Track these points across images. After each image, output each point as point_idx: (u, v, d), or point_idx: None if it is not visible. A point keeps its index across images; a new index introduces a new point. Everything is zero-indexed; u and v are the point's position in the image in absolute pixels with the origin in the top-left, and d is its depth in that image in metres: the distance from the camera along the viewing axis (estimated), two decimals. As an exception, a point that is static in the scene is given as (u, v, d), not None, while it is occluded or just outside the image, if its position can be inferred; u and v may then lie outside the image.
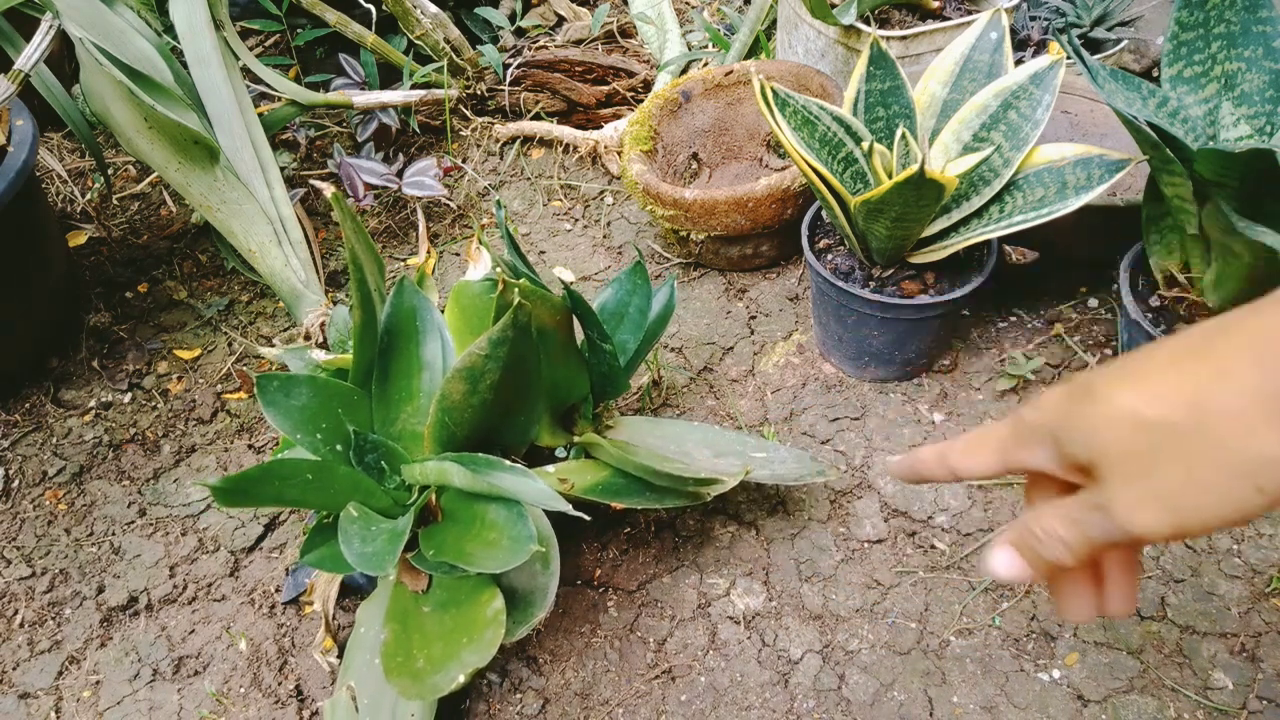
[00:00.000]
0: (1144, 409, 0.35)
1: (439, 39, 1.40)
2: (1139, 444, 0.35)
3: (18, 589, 0.94)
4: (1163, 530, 0.35)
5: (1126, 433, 0.35)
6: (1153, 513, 0.35)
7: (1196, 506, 0.34)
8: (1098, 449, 0.36)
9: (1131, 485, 0.35)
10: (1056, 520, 0.38)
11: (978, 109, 0.89)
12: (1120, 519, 0.36)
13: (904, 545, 0.89)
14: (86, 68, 1.04)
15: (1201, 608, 0.82)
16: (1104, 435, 0.36)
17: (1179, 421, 0.34)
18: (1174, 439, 0.34)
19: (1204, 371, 0.34)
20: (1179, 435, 0.34)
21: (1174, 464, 0.34)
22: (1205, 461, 0.34)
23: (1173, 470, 0.34)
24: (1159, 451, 0.35)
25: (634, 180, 1.13)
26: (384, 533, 0.69)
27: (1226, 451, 0.33)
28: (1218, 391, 0.33)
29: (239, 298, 1.24)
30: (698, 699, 0.81)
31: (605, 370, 0.84)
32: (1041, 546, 0.39)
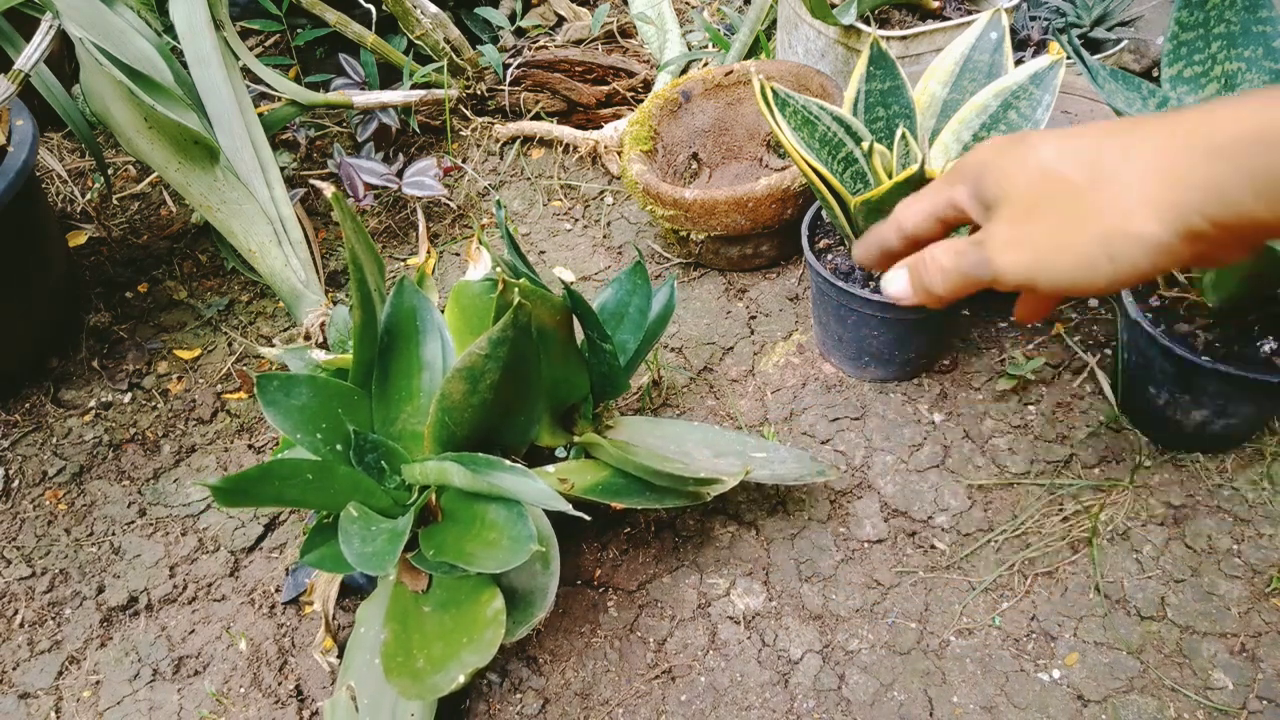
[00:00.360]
0: (1053, 161, 0.37)
1: (439, 39, 1.40)
2: (1035, 191, 0.38)
3: (18, 589, 0.94)
4: (1018, 273, 0.38)
5: (1030, 179, 0.38)
6: (1015, 254, 0.38)
7: (1054, 260, 0.37)
8: (1004, 188, 0.39)
9: (1012, 226, 0.38)
10: (944, 250, 0.41)
11: (978, 109, 0.89)
12: (989, 252, 0.39)
13: (904, 545, 0.89)
14: (86, 68, 1.04)
15: (1201, 608, 0.82)
16: (1014, 175, 0.38)
17: (1075, 180, 0.36)
18: (1064, 194, 0.36)
19: (1117, 146, 0.36)
20: (1069, 191, 0.36)
21: (1053, 215, 0.37)
22: (1078, 221, 0.36)
23: (1049, 220, 0.37)
24: (1047, 201, 0.37)
25: (634, 180, 1.13)
26: (384, 532, 0.69)
27: (1100, 218, 0.35)
28: (1117, 166, 0.35)
29: (239, 298, 1.24)
30: (698, 699, 0.81)
31: (605, 370, 0.84)
32: (925, 272, 0.42)
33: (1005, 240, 0.38)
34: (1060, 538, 0.88)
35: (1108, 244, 0.35)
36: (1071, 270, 0.36)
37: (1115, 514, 0.89)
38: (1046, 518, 0.90)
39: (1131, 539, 0.87)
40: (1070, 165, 0.37)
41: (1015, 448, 0.95)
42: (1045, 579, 0.86)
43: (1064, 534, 0.88)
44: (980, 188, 0.40)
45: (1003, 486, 0.93)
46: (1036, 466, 0.94)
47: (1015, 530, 0.89)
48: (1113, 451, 0.94)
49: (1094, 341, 1.05)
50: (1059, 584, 0.85)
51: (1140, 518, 0.89)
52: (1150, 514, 0.89)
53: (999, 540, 0.89)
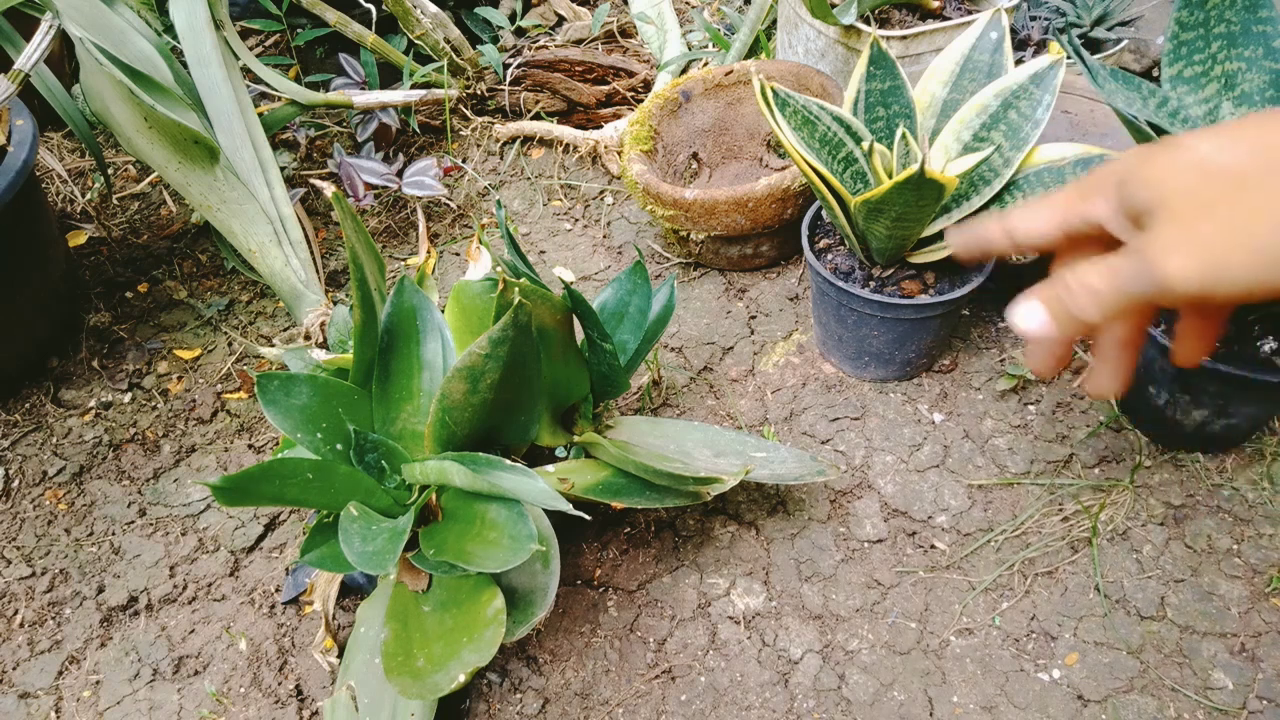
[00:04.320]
0: (1217, 154, 0.34)
1: (439, 39, 1.40)
2: (1200, 188, 0.34)
3: (18, 589, 0.94)
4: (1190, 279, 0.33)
5: (1192, 177, 0.34)
6: (1185, 258, 0.33)
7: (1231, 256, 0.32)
8: (1158, 192, 0.35)
9: (1177, 228, 0.34)
10: (1093, 270, 0.36)
11: (978, 109, 0.89)
12: (1153, 259, 0.34)
13: (904, 545, 0.89)
14: (86, 68, 1.04)
15: (1201, 608, 0.82)
16: (1169, 179, 0.34)
17: (1246, 169, 0.33)
18: (1235, 186, 0.33)
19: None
20: (1241, 182, 0.33)
21: (1225, 211, 0.33)
22: (1257, 209, 0.32)
23: (1222, 215, 0.33)
24: (1217, 196, 0.33)
25: (634, 180, 1.13)
26: (384, 532, 0.69)
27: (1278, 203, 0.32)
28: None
29: (239, 297, 1.24)
30: (698, 699, 0.81)
31: (605, 370, 0.84)
32: (1071, 298, 0.37)
33: (1171, 243, 0.34)
34: (1060, 538, 0.88)
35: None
36: (1255, 268, 0.32)
37: (1115, 514, 0.89)
38: (1046, 518, 0.90)
39: (1131, 539, 0.87)
40: (1237, 155, 0.33)
41: (1015, 448, 0.95)
42: (1045, 579, 0.86)
43: (1064, 534, 0.88)
44: (1127, 197, 0.36)
45: (1003, 486, 0.93)
46: (1036, 466, 0.94)
47: (1015, 530, 0.89)
48: (1113, 451, 0.94)
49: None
50: (1059, 584, 0.85)
51: (1140, 518, 0.89)
52: (1150, 514, 0.89)
53: (999, 540, 0.89)
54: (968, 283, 0.92)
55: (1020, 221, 0.41)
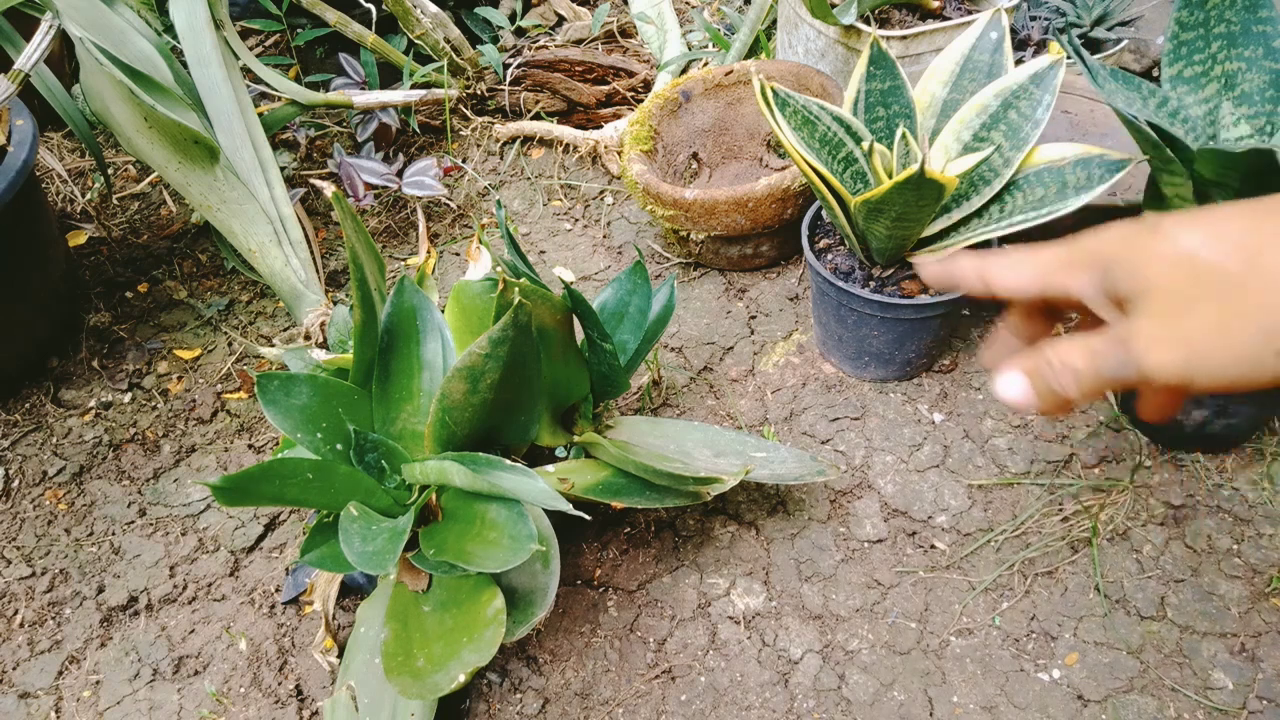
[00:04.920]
0: (1201, 249, 0.34)
1: (439, 39, 1.40)
2: (1183, 283, 0.34)
3: (18, 589, 0.94)
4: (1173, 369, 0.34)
5: (1176, 270, 0.35)
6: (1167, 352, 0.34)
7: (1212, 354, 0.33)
8: (1142, 281, 0.35)
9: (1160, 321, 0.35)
10: (1075, 350, 0.37)
11: (978, 109, 0.89)
12: (1136, 351, 0.35)
13: (904, 545, 0.89)
14: (86, 67, 1.04)
15: (1201, 608, 0.82)
16: (1153, 269, 0.35)
17: (1231, 268, 0.33)
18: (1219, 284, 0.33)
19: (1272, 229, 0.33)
20: (1225, 281, 0.33)
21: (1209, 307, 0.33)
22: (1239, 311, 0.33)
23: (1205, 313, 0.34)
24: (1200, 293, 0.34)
25: (634, 180, 1.13)
26: (384, 532, 0.69)
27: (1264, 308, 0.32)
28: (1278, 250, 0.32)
29: (239, 297, 1.24)
30: (698, 699, 0.81)
31: (605, 370, 0.84)
32: (1052, 375, 0.38)
33: (1154, 337, 0.35)
34: (1060, 538, 0.88)
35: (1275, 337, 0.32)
36: (1233, 366, 0.33)
37: (1115, 514, 0.89)
38: (1046, 518, 0.90)
39: (1131, 539, 0.87)
40: (1223, 252, 0.34)
41: (1015, 448, 0.95)
42: (1045, 579, 0.86)
43: (1064, 534, 0.88)
44: (1111, 280, 0.37)
45: (1003, 486, 0.93)
46: (1036, 466, 0.94)
47: (1015, 530, 0.89)
48: (1113, 451, 0.94)
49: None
50: (1059, 584, 0.85)
51: (1140, 518, 0.89)
52: (1150, 514, 0.89)
53: (999, 540, 0.89)
54: (968, 283, 0.92)
55: (999, 272, 0.41)
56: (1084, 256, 0.38)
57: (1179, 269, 0.35)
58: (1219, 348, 0.33)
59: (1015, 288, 0.41)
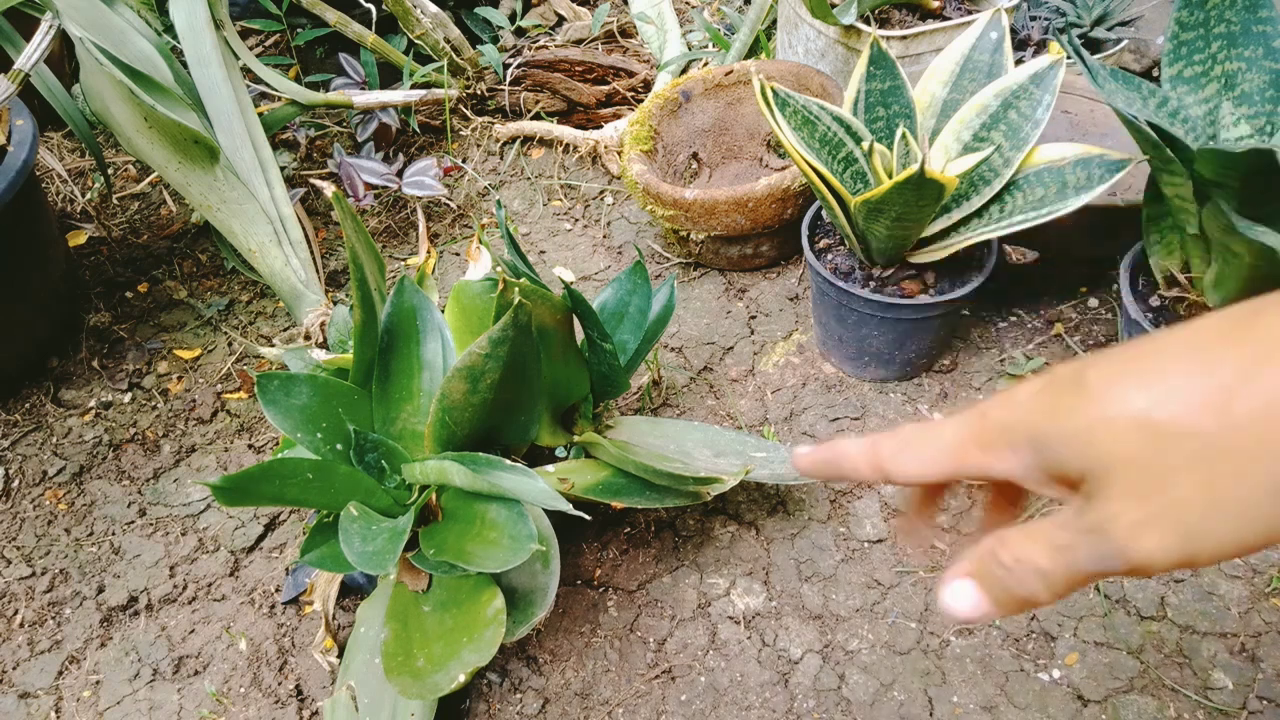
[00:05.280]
0: (1155, 410, 0.29)
1: (439, 39, 1.40)
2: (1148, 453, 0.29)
3: (18, 589, 0.94)
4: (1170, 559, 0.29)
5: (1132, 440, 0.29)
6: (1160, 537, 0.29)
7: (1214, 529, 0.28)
8: (1093, 459, 0.30)
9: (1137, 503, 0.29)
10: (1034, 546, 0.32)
11: (978, 109, 0.89)
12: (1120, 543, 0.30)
13: (904, 545, 0.89)
14: (86, 67, 1.04)
15: (1201, 608, 0.82)
16: (1103, 442, 0.30)
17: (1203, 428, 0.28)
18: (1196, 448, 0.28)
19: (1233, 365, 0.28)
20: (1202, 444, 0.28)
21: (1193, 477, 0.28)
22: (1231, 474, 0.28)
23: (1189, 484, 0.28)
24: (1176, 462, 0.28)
25: (634, 180, 1.13)
26: (384, 532, 0.69)
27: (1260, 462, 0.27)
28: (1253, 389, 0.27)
29: (239, 297, 1.24)
30: (698, 699, 0.81)
31: (605, 370, 0.84)
32: (1012, 579, 0.32)
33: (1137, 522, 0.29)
34: (1060, 537, 0.88)
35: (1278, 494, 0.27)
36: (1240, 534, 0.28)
37: (1115, 514, 0.89)
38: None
39: (1131, 539, 0.87)
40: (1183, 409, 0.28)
41: (1015, 448, 0.95)
42: (1045, 579, 0.85)
43: (1064, 534, 0.88)
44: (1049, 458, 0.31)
45: (1003, 486, 0.93)
46: (1036, 466, 0.94)
47: (1015, 530, 0.89)
48: (1113, 451, 0.94)
49: (1094, 341, 1.05)
50: (1059, 584, 0.85)
51: (1140, 518, 0.89)
52: (1150, 514, 0.89)
53: (999, 540, 0.89)
54: (968, 283, 0.92)
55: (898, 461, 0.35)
56: (1001, 433, 0.32)
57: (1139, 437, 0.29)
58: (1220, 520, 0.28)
59: (920, 475, 0.34)
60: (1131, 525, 0.29)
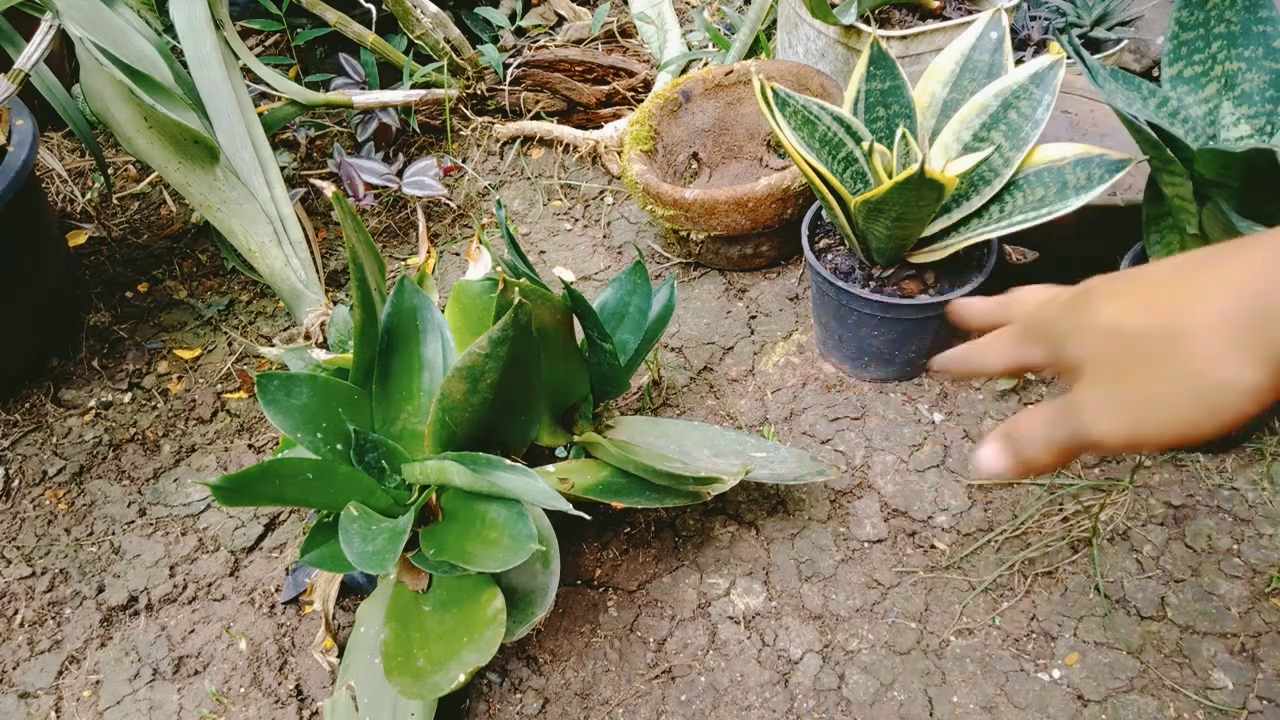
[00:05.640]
0: (1125, 320, 0.36)
1: (439, 39, 1.40)
2: (1114, 352, 0.37)
3: (18, 589, 0.94)
4: (1119, 437, 0.36)
5: (1104, 340, 0.37)
6: (1112, 419, 0.37)
7: (1152, 419, 0.35)
8: (1081, 353, 0.38)
9: (1101, 391, 0.37)
10: (1038, 419, 0.40)
11: (978, 109, 0.89)
12: (1085, 421, 0.37)
13: (904, 545, 0.89)
14: (86, 67, 1.04)
15: (1201, 608, 0.82)
16: (1086, 341, 0.38)
17: (1153, 334, 0.35)
18: (1145, 351, 0.36)
19: (1186, 292, 0.35)
20: (1150, 348, 0.35)
21: (1140, 374, 0.36)
22: (1168, 377, 0.35)
23: (1138, 381, 0.36)
24: (1129, 361, 0.36)
25: (634, 180, 1.13)
26: (384, 532, 0.69)
27: (1189, 371, 0.34)
28: (1194, 312, 0.34)
29: (239, 297, 1.24)
30: (698, 699, 0.81)
31: (605, 370, 0.84)
32: (1022, 443, 0.40)
33: (1097, 406, 0.37)
34: (1060, 538, 0.88)
35: (1204, 395, 0.34)
36: (1172, 426, 0.35)
37: (1115, 514, 0.89)
38: (1046, 518, 0.90)
39: (1131, 539, 0.87)
40: (1143, 320, 0.36)
41: (1015, 448, 0.95)
42: (1045, 579, 0.86)
43: (1064, 534, 0.88)
44: (1057, 352, 0.40)
45: (1003, 486, 0.93)
46: (1036, 466, 0.94)
47: (1015, 530, 0.89)
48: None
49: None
50: (1059, 584, 0.85)
51: (1140, 518, 0.89)
52: (1150, 514, 0.89)
53: (999, 540, 0.89)
54: (968, 283, 0.92)
55: (979, 359, 0.45)
56: (1032, 332, 0.41)
57: (1109, 339, 0.37)
58: (1155, 412, 0.35)
59: (992, 369, 0.44)
60: (1094, 408, 0.37)
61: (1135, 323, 0.36)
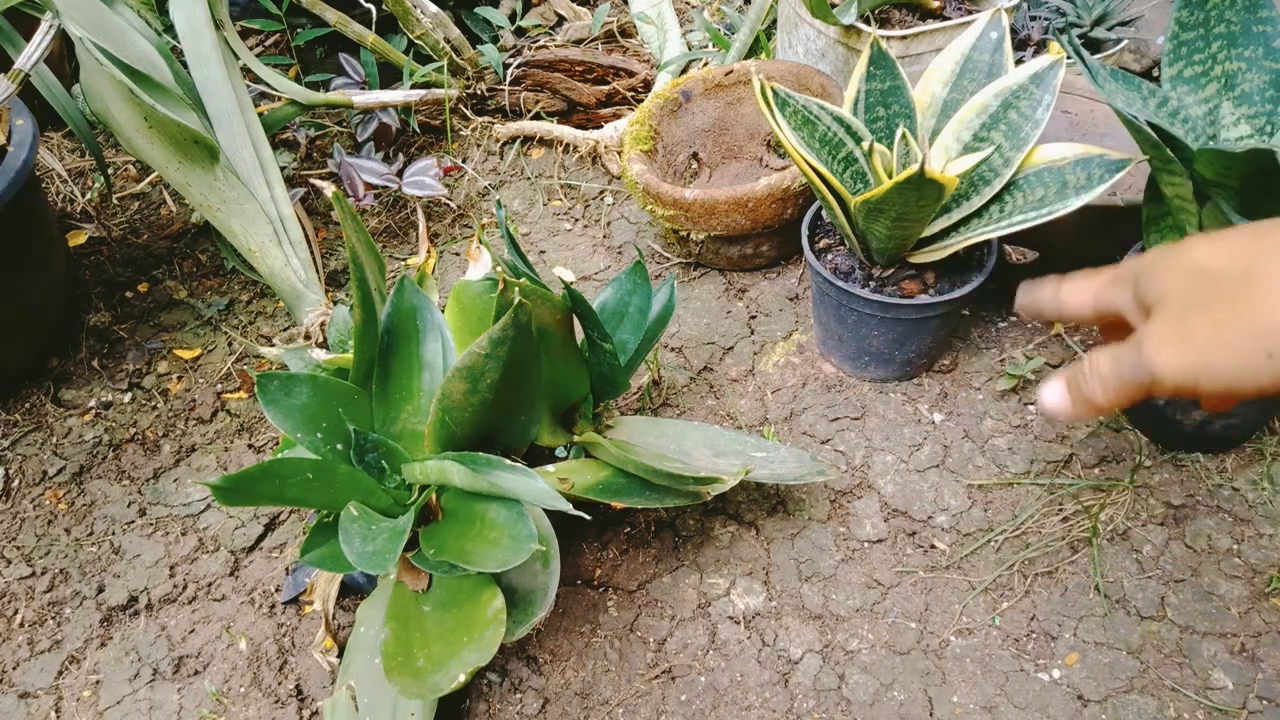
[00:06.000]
0: (1208, 260, 0.37)
1: (439, 38, 1.40)
2: (1190, 289, 0.38)
3: (18, 589, 0.94)
4: (1178, 372, 0.37)
5: (1185, 278, 0.38)
6: (1172, 353, 0.37)
7: (1215, 359, 0.36)
8: (1159, 289, 0.39)
9: (1168, 324, 0.38)
10: (1103, 356, 0.40)
11: (978, 109, 0.89)
12: (1146, 353, 0.38)
13: (904, 545, 0.89)
14: (86, 67, 1.04)
15: (1201, 608, 0.82)
16: (1168, 278, 0.39)
17: (1231, 276, 0.36)
18: (1220, 291, 0.37)
19: (1270, 244, 0.36)
20: (1225, 288, 0.36)
21: (1212, 313, 0.36)
22: (1239, 319, 0.36)
23: (1208, 319, 0.37)
24: (1204, 298, 0.37)
25: (634, 180, 1.13)
26: (384, 532, 0.69)
27: (1257, 314, 0.35)
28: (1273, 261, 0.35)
29: (239, 297, 1.24)
30: (698, 699, 0.81)
31: (605, 370, 0.84)
32: (1085, 381, 0.41)
33: (1162, 338, 0.38)
34: (1060, 538, 0.88)
35: (1267, 341, 0.35)
36: (1231, 368, 0.36)
37: (1115, 514, 0.89)
38: (1046, 518, 0.90)
39: (1131, 539, 0.87)
40: (1224, 262, 0.37)
41: (1015, 448, 0.95)
42: (1045, 579, 0.86)
43: (1064, 534, 0.88)
44: (1140, 291, 0.40)
45: (1003, 486, 0.93)
46: (1036, 466, 0.94)
47: (1015, 530, 0.89)
48: (1113, 451, 0.94)
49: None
50: (1059, 584, 0.85)
51: (1140, 518, 0.89)
52: (1150, 514, 0.89)
53: (999, 540, 0.89)
54: (968, 283, 0.92)
55: (1068, 294, 0.46)
56: (1124, 274, 0.42)
57: (1189, 277, 0.38)
58: (1218, 350, 0.36)
59: (1079, 305, 0.45)
60: (1158, 340, 0.38)
61: (1218, 264, 0.37)
